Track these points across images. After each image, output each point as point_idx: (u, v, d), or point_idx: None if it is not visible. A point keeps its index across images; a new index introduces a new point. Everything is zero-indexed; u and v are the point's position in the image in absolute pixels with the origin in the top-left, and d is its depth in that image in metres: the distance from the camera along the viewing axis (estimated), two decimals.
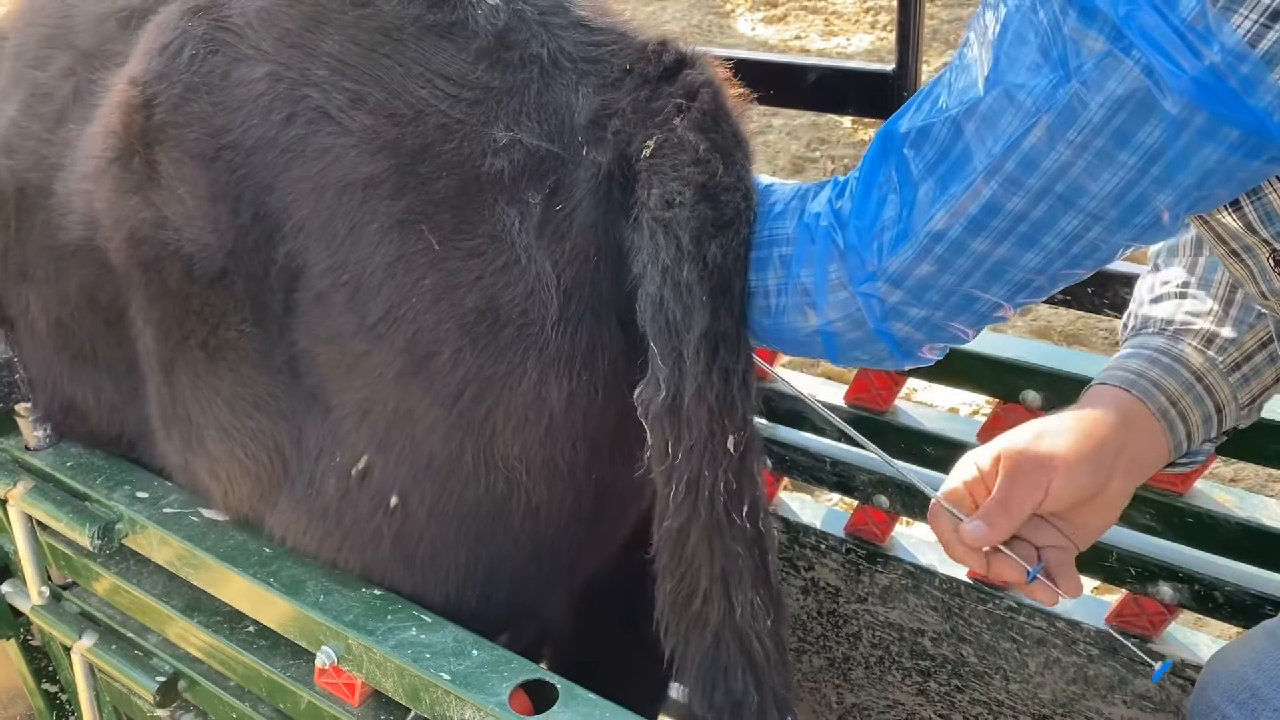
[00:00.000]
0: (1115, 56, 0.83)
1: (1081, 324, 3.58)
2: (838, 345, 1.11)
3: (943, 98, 0.96)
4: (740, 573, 1.12)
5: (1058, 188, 0.91)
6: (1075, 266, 0.97)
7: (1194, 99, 0.82)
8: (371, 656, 1.19)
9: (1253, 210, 0.97)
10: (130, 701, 1.61)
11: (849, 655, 1.96)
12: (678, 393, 1.08)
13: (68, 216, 1.38)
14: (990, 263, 0.98)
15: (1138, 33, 0.81)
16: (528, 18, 1.18)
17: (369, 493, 1.21)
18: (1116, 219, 0.91)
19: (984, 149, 0.92)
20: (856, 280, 1.04)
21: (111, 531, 1.44)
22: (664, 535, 1.13)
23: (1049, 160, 0.89)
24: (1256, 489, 2.84)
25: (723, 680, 1.14)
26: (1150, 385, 1.18)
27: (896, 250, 1.00)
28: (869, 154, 1.04)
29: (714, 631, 1.14)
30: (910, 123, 0.99)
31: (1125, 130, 0.86)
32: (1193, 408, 1.19)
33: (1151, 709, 1.64)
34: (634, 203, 1.11)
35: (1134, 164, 0.87)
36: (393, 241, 1.13)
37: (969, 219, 0.95)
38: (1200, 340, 1.21)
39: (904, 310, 1.04)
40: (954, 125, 0.94)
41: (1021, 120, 0.89)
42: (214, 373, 1.25)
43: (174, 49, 1.24)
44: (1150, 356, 1.21)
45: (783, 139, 4.86)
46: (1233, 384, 1.21)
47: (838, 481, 1.84)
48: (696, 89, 1.14)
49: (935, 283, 1.01)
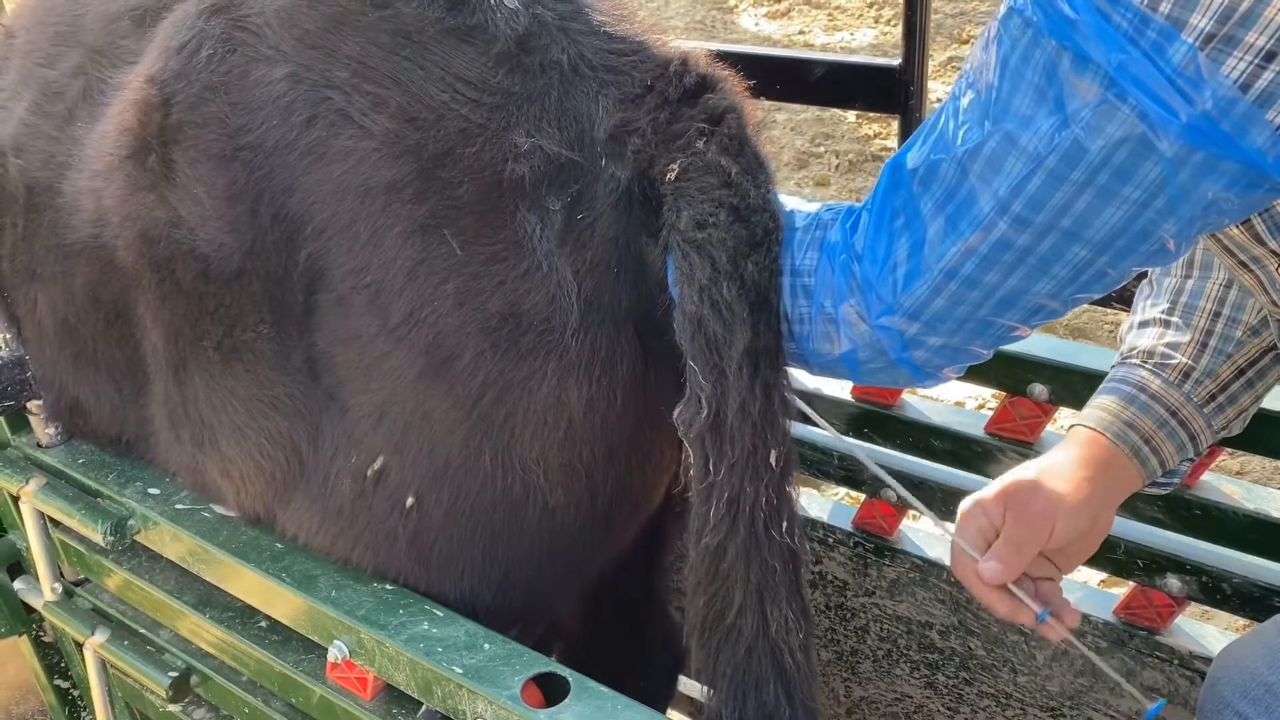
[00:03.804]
0: (1111, 103, 0.85)
1: (1088, 317, 3.58)
2: (861, 371, 1.14)
3: (947, 131, 0.98)
4: (776, 588, 1.12)
5: (1064, 223, 0.92)
6: (1086, 291, 0.99)
7: (1189, 141, 0.83)
8: (384, 651, 1.19)
9: (1260, 222, 0.99)
10: (142, 697, 1.62)
11: (857, 649, 1.97)
12: (720, 410, 1.09)
13: (76, 215, 1.38)
14: (1003, 292, 1.00)
15: (1130, 81, 0.83)
16: (548, 23, 1.18)
17: (384, 493, 1.22)
18: (1123, 248, 0.93)
19: (990, 190, 0.94)
20: (874, 314, 1.06)
21: (123, 528, 1.45)
22: (700, 552, 1.13)
23: (1054, 199, 0.91)
24: (1264, 481, 2.84)
25: (754, 693, 1.14)
26: (1124, 426, 1.26)
27: (910, 287, 1.02)
28: (879, 186, 1.06)
29: (747, 645, 1.14)
30: (917, 159, 1.00)
31: (1126, 168, 0.87)
32: (1165, 441, 1.26)
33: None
34: (661, 225, 1.12)
35: (1137, 198, 0.88)
36: (415, 245, 1.13)
37: (980, 256, 0.97)
38: (1177, 375, 1.28)
39: (923, 340, 1.06)
40: (959, 166, 0.96)
41: (1025, 164, 0.91)
42: (229, 373, 1.26)
43: (192, 47, 1.25)
44: (1128, 395, 1.28)
45: (787, 134, 4.86)
46: (1207, 414, 1.28)
47: (845, 475, 1.84)
48: (721, 114, 1.15)
49: (951, 314, 1.03)
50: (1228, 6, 0.78)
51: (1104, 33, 0.83)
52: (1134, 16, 0.81)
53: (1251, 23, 0.77)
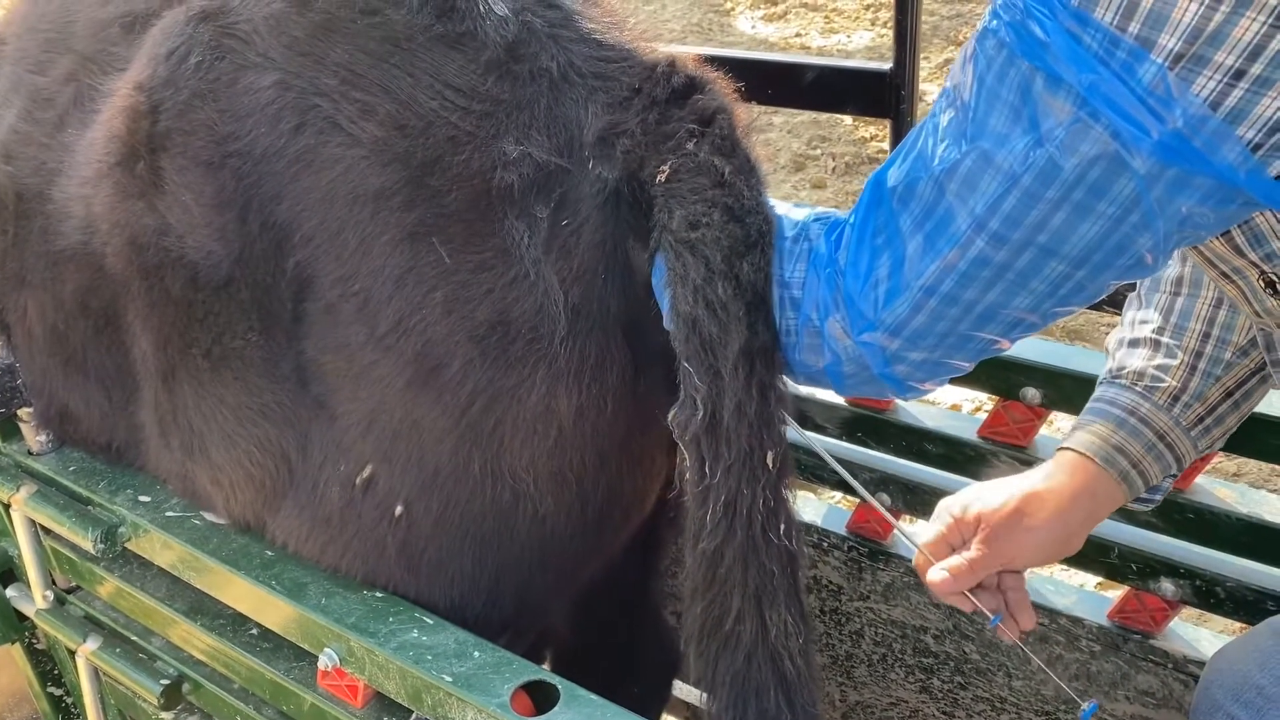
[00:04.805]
0: (1084, 122, 0.85)
1: (1084, 319, 3.58)
2: (844, 383, 1.15)
3: (926, 149, 0.98)
4: (775, 592, 1.11)
5: (1040, 239, 0.93)
6: (1065, 304, 1.00)
7: (1162, 159, 0.84)
8: (374, 658, 1.19)
9: (1240, 234, 0.99)
10: (135, 704, 1.62)
11: (852, 653, 1.97)
12: (716, 411, 1.08)
13: (65, 222, 1.38)
14: (982, 308, 1.00)
15: (1102, 100, 0.83)
16: (537, 30, 1.18)
17: (373, 501, 1.22)
18: (1100, 262, 0.93)
19: (966, 208, 0.95)
20: (856, 329, 1.07)
21: (114, 535, 1.45)
22: (697, 557, 1.12)
23: (1030, 216, 0.91)
24: (1259, 484, 2.84)
25: (755, 700, 1.13)
26: (1113, 451, 1.26)
27: (890, 304, 1.03)
28: (861, 201, 1.06)
29: (746, 652, 1.12)
30: (897, 177, 1.01)
31: (1100, 185, 0.88)
32: (1153, 464, 1.27)
33: (1154, 705, 1.64)
34: (652, 226, 1.12)
35: (1112, 214, 0.89)
36: (404, 253, 1.13)
37: (958, 273, 0.98)
38: (1167, 398, 1.29)
39: (904, 355, 1.07)
40: (937, 184, 0.97)
41: (1000, 182, 0.91)
42: (218, 380, 1.25)
43: (180, 54, 1.24)
44: (1118, 419, 1.29)
45: (784, 137, 4.86)
46: (1194, 436, 1.29)
47: (839, 480, 1.84)
48: (711, 114, 1.14)
49: (932, 329, 1.03)
50: (1195, 27, 0.78)
51: (1075, 54, 0.83)
52: (1104, 38, 0.82)
53: (1219, 42, 0.78)
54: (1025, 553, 1.22)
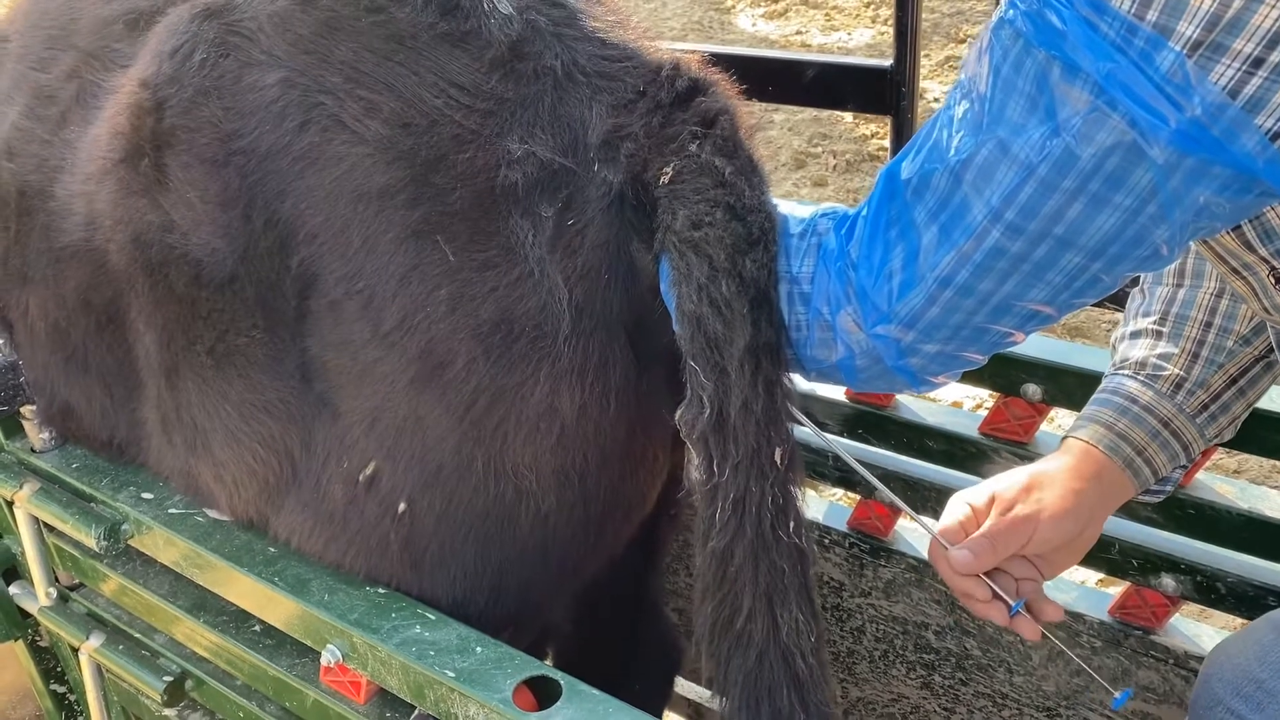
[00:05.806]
0: (1101, 111, 0.85)
1: (1085, 316, 3.58)
2: (857, 377, 1.14)
3: (941, 141, 0.98)
4: (785, 590, 1.10)
5: (1057, 230, 0.92)
6: (1081, 296, 0.99)
7: (1180, 147, 0.83)
8: (376, 654, 1.19)
9: (1250, 229, 0.99)
10: (138, 701, 1.62)
11: (853, 650, 1.97)
12: (723, 409, 1.08)
13: (68, 219, 1.38)
14: (997, 299, 1.00)
15: (1119, 88, 0.83)
16: (541, 29, 1.18)
17: (377, 498, 1.22)
18: (1117, 254, 0.93)
19: (982, 199, 0.94)
20: (870, 322, 1.06)
21: (117, 532, 1.45)
22: (707, 556, 1.12)
23: (1047, 207, 0.91)
24: (1259, 480, 2.84)
25: (768, 699, 1.12)
26: (1117, 439, 1.27)
27: (905, 296, 1.03)
28: (874, 194, 1.06)
29: (758, 650, 1.12)
30: (910, 169, 1.01)
31: (1117, 175, 0.87)
32: (1158, 452, 1.27)
33: (1155, 700, 1.65)
34: (656, 227, 1.12)
35: (1129, 204, 0.89)
36: (408, 251, 1.13)
37: (973, 264, 0.98)
38: (1169, 386, 1.28)
39: (918, 347, 1.06)
40: (952, 175, 0.96)
41: (1016, 172, 0.91)
42: (222, 378, 1.26)
43: (185, 52, 1.24)
44: (1120, 407, 1.29)
45: (784, 134, 4.86)
46: (1199, 424, 1.28)
47: (840, 476, 1.84)
48: (714, 116, 1.15)
49: (946, 321, 1.03)
50: (1214, 14, 0.78)
51: (1092, 42, 0.83)
52: (1121, 25, 0.81)
53: (1238, 30, 0.78)
54: (1043, 531, 1.20)
